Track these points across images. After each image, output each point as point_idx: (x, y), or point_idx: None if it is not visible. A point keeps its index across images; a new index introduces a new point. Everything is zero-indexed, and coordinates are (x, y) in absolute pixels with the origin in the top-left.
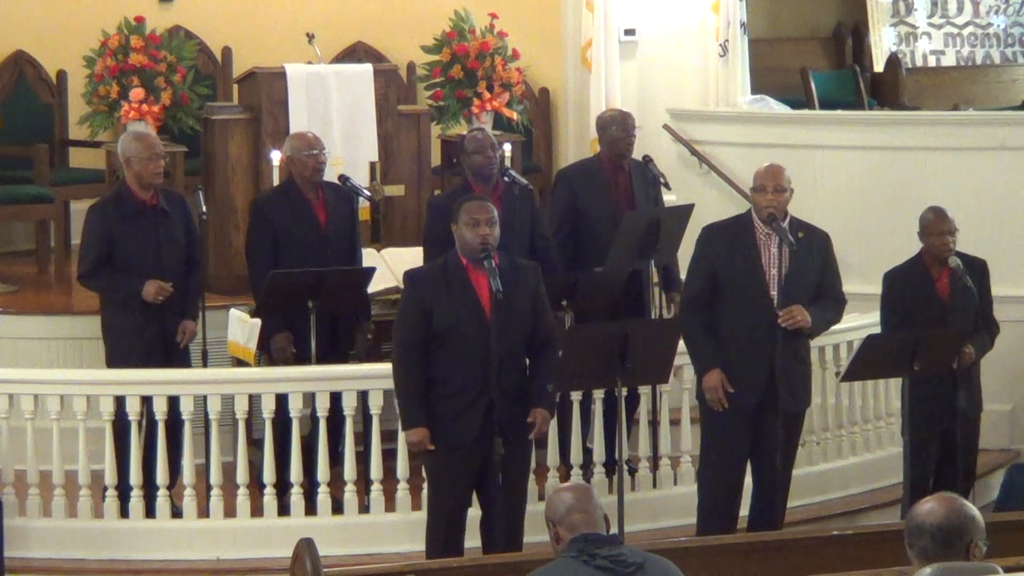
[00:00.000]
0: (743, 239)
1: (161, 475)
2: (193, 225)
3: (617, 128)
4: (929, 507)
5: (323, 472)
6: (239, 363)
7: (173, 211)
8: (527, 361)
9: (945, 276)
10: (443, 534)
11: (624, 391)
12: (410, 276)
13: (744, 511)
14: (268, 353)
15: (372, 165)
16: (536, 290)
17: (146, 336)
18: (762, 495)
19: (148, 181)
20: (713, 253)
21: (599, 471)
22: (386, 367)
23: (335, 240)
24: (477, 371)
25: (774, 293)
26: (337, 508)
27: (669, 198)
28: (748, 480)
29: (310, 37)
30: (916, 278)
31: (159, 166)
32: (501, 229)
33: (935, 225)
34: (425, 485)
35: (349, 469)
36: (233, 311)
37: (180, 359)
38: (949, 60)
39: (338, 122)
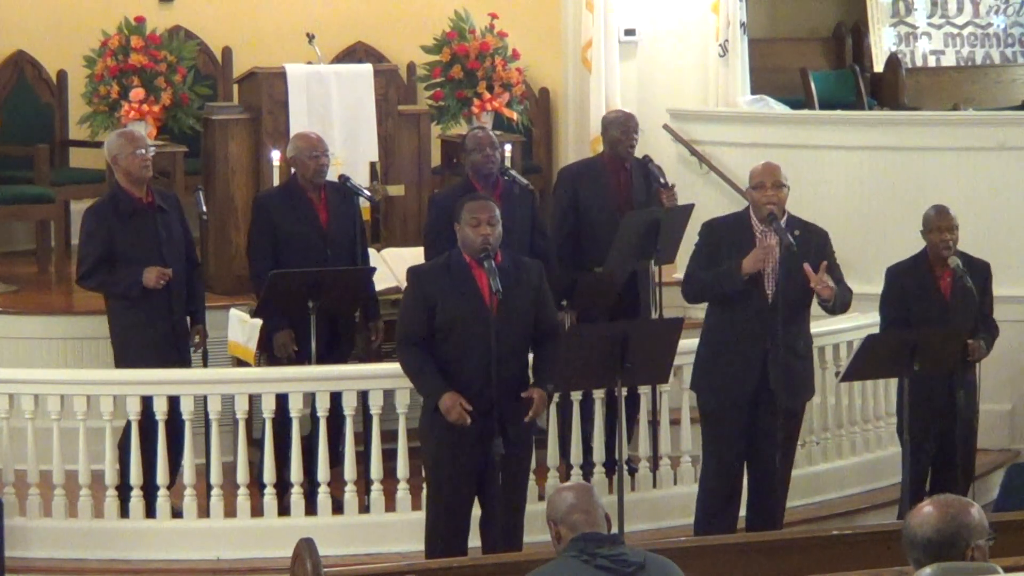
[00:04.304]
0: (741, 237)
1: (161, 475)
2: (188, 225)
3: (616, 130)
4: (922, 517)
5: (323, 472)
6: (239, 363)
7: (170, 209)
8: (529, 357)
9: (948, 275)
10: (444, 534)
11: (624, 391)
12: (414, 271)
13: (742, 511)
14: (269, 353)
15: (372, 165)
16: (539, 287)
17: (156, 332)
18: (760, 495)
19: (138, 176)
20: (715, 247)
21: (599, 471)
22: (386, 367)
23: (336, 240)
24: (479, 368)
25: (769, 291)
26: (337, 508)
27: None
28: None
29: (310, 37)
30: (919, 275)
31: (146, 159)
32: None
33: (935, 221)
34: (425, 485)
35: (349, 469)
36: (233, 311)
37: (186, 359)
38: (949, 60)
39: (338, 122)
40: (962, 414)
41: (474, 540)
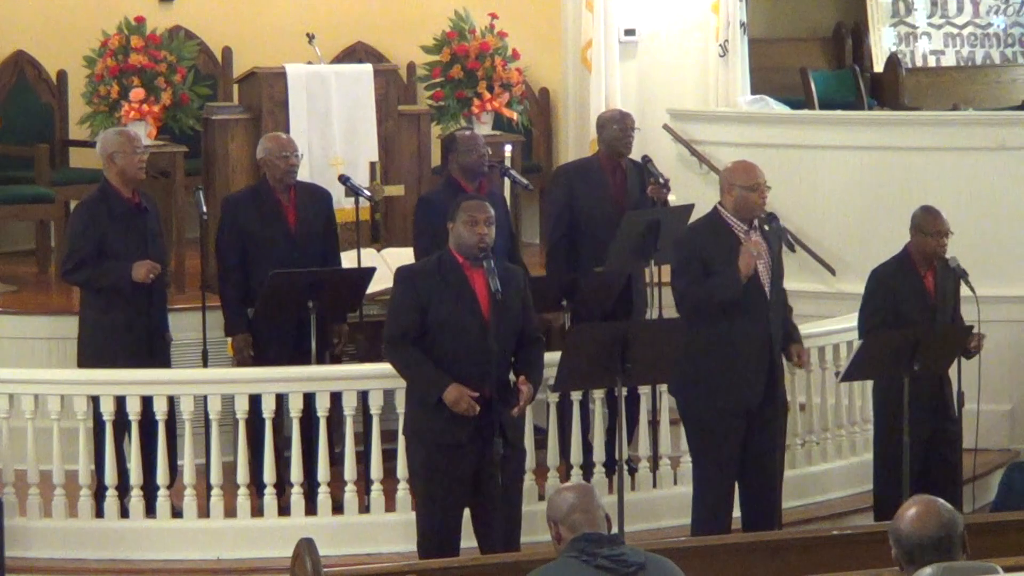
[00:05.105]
0: (725, 239)
1: (161, 475)
2: (163, 226)
3: (615, 127)
4: (917, 519)
5: (323, 472)
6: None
7: (151, 210)
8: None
9: (931, 273)
10: (439, 539)
11: (624, 391)
12: (405, 271)
13: (737, 511)
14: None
15: (372, 165)
16: (524, 291)
17: (132, 334)
18: (761, 495)
19: (132, 176)
20: (701, 253)
21: (599, 471)
22: (386, 367)
23: (304, 242)
24: (473, 369)
25: (767, 289)
26: (337, 508)
27: (669, 198)
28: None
29: (310, 37)
30: (905, 275)
31: (142, 160)
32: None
33: (931, 225)
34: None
35: (349, 469)
36: None
37: (162, 360)
38: (949, 60)
39: (338, 122)
40: (955, 414)
41: (468, 541)
